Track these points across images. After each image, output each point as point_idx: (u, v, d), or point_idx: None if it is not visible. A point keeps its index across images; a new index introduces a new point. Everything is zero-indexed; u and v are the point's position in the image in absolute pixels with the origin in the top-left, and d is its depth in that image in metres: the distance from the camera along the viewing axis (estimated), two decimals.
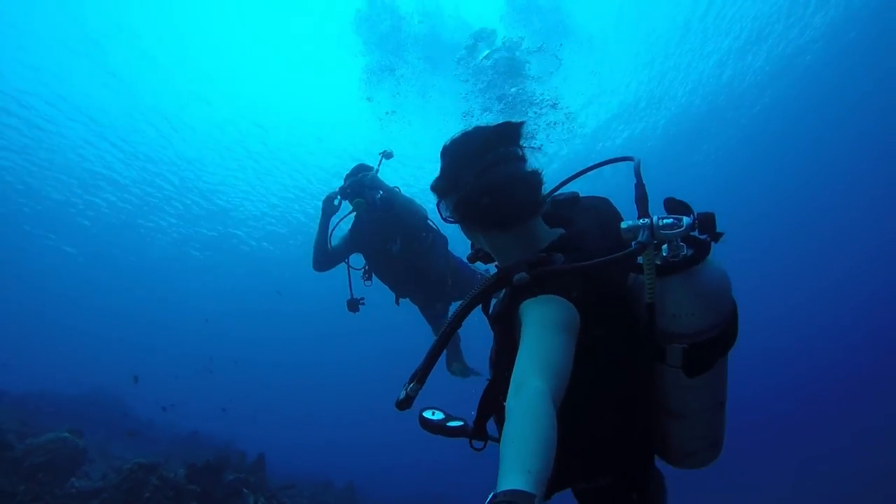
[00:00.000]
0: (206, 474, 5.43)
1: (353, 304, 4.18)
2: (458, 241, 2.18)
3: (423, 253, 4.16)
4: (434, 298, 4.39)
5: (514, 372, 1.08)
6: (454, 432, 1.46)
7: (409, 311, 4.65)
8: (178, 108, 12.07)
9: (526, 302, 1.23)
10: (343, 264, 4.22)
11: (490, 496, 0.77)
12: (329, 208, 4.04)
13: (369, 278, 4.28)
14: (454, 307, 4.93)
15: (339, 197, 4.03)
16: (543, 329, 1.17)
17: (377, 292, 4.28)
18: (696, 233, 1.13)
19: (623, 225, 1.11)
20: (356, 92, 9.33)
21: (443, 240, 4.28)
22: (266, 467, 7.20)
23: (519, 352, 1.12)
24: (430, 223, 4.21)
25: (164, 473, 5.35)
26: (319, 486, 10.01)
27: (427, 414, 1.49)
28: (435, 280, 4.21)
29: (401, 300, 4.44)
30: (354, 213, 4.03)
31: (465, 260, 1.61)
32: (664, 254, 1.13)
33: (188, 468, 5.49)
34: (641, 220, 1.11)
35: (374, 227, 4.04)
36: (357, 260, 4.25)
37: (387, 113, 9.39)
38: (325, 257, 4.12)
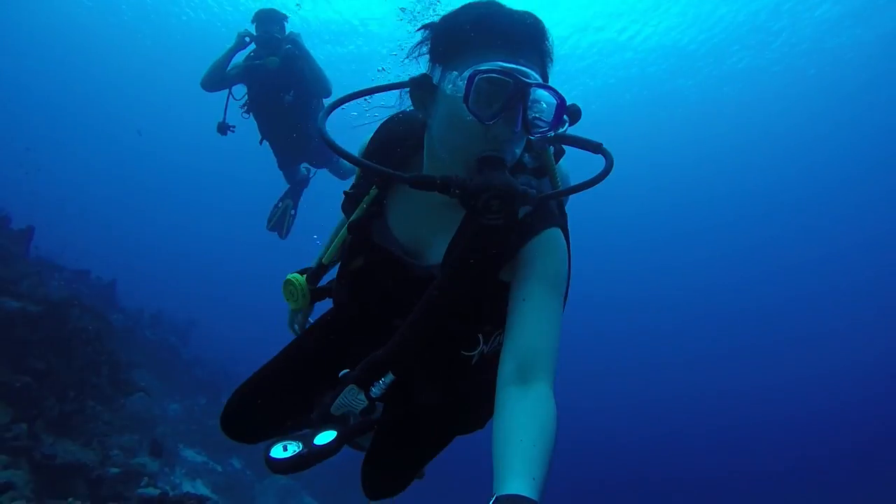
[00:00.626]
0: None
1: (223, 128, 4.59)
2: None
3: (307, 115, 4.45)
4: (299, 157, 4.97)
5: (518, 346, 1.03)
6: (326, 453, 1.09)
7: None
8: None
9: (534, 241, 1.12)
10: (225, 90, 4.55)
11: (493, 499, 0.75)
12: (240, 43, 4.44)
13: (248, 112, 4.61)
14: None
15: (250, 39, 4.43)
16: (559, 294, 1.12)
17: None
18: None
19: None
20: None
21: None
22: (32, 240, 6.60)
23: (523, 318, 1.05)
24: (324, 100, 4.61)
25: None
26: (76, 273, 9.39)
27: (276, 453, 1.06)
28: (305, 139, 4.64)
29: (263, 142, 4.84)
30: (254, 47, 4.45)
31: None
32: None
33: None
34: None
35: (275, 74, 4.37)
36: (238, 90, 4.61)
37: None
38: (218, 79, 4.47)
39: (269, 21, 4.44)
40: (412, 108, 1.18)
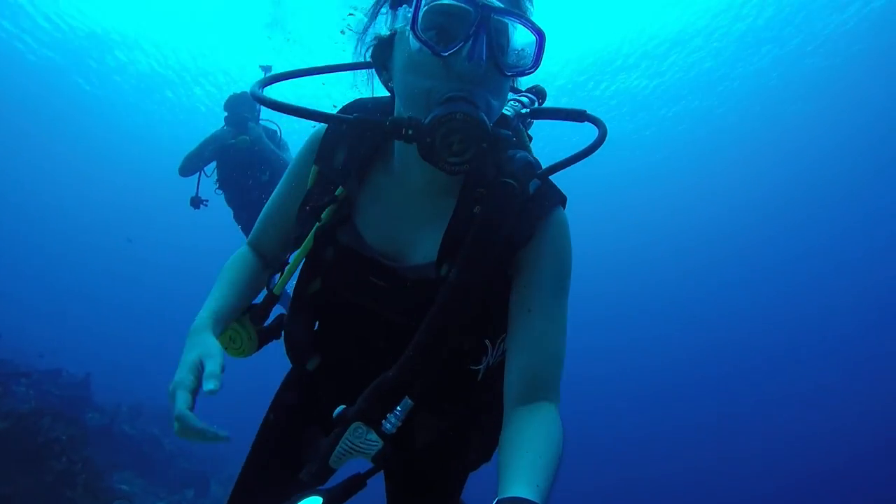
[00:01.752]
0: None
1: (196, 202, 4.86)
2: None
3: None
4: None
5: (524, 365, 0.97)
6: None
7: None
8: None
9: (540, 230, 1.02)
10: None
11: (494, 501, 0.74)
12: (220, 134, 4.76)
13: (220, 188, 4.89)
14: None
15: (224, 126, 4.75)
16: (565, 293, 1.04)
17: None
18: None
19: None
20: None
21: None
22: None
23: (529, 333, 0.98)
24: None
25: None
26: (46, 374, 9.05)
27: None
28: None
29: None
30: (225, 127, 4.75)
31: None
32: None
33: None
34: None
35: (247, 153, 4.66)
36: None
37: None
38: (194, 166, 4.76)
39: (240, 104, 4.71)
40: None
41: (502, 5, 0.89)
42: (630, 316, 26.42)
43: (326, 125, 1.13)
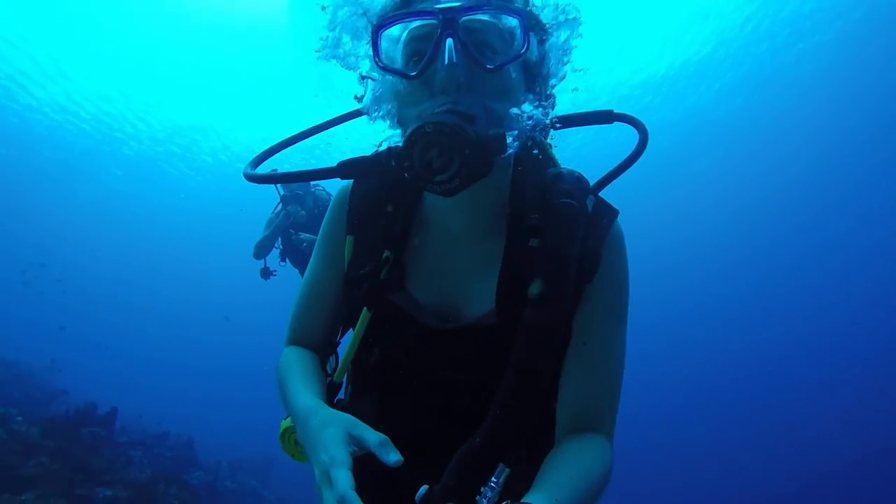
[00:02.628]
0: (63, 430, 5.32)
1: (266, 273, 5.23)
2: None
3: None
4: None
5: (576, 397, 0.92)
6: None
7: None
8: None
9: (607, 239, 0.95)
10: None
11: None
12: (278, 220, 5.10)
13: (284, 260, 5.26)
14: None
15: (280, 205, 5.08)
16: (623, 318, 0.97)
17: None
18: None
19: None
20: None
21: None
22: (116, 421, 7.06)
23: (583, 364, 0.93)
24: None
25: (14, 427, 5.13)
26: (156, 438, 9.84)
27: None
28: None
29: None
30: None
31: None
32: None
33: (44, 423, 5.32)
34: None
35: (304, 225, 5.01)
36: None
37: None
38: (266, 251, 5.16)
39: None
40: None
41: (466, 3, 0.82)
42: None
43: (349, 192, 1.09)
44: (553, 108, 0.98)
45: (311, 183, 5.14)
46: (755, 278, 23.90)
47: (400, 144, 0.80)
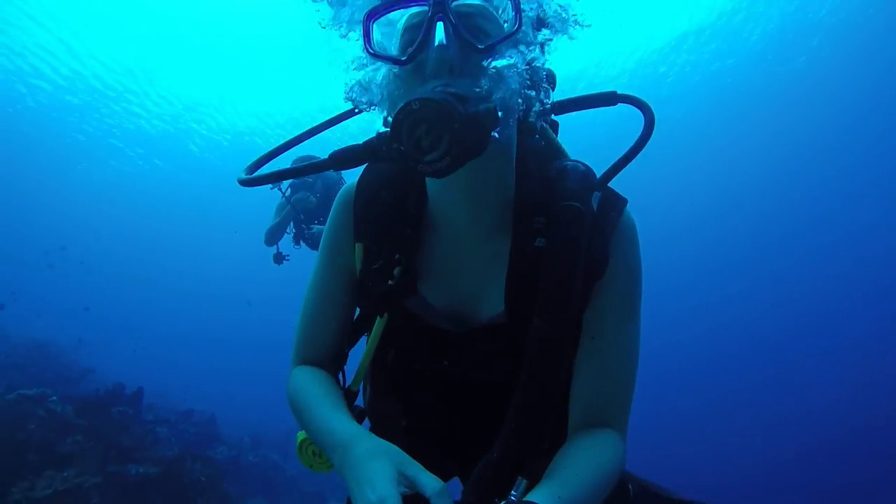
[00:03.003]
0: (95, 409, 5.62)
1: (279, 258, 5.33)
2: None
3: None
4: None
5: (587, 393, 0.92)
6: None
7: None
8: None
9: (613, 245, 0.93)
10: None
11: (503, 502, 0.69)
12: (286, 209, 5.09)
13: (297, 243, 5.27)
14: None
15: (289, 191, 5.03)
16: (636, 311, 0.97)
17: None
18: None
19: None
20: None
21: None
22: (143, 400, 7.37)
23: (594, 360, 0.93)
24: None
25: (51, 406, 5.44)
26: (181, 415, 10.22)
27: None
28: None
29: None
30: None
31: None
32: None
33: (77, 402, 5.62)
34: None
35: (316, 210, 5.00)
36: None
37: None
38: (278, 238, 5.23)
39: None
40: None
41: None
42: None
43: (353, 198, 1.07)
44: (553, 86, 0.94)
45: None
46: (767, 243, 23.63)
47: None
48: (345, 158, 0.86)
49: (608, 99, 1.00)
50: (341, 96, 0.94)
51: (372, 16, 0.84)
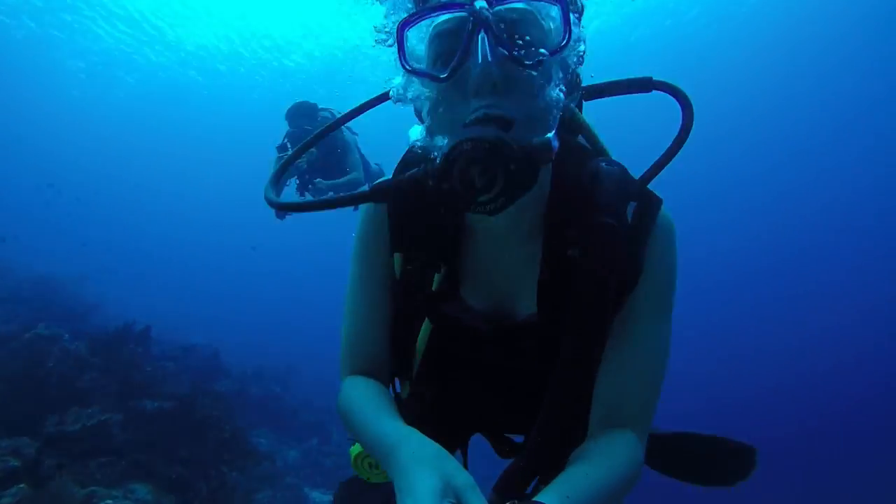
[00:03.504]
0: (107, 347, 5.86)
1: (282, 213, 4.98)
2: None
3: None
4: None
5: (610, 393, 0.91)
6: None
7: None
8: None
9: (650, 239, 0.91)
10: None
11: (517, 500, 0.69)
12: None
13: (302, 195, 5.04)
14: None
15: (288, 144, 4.82)
16: (668, 311, 0.94)
17: None
18: None
19: None
20: None
21: None
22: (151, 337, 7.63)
23: (620, 360, 0.91)
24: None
25: (65, 345, 5.67)
26: (185, 350, 10.55)
27: None
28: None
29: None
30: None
31: None
32: None
33: (90, 340, 5.86)
34: None
35: (318, 162, 4.84)
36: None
37: None
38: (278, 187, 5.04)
39: (300, 116, 4.85)
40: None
41: None
42: None
43: (386, 212, 1.05)
44: (580, 87, 0.92)
45: (320, 117, 4.92)
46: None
47: (437, 162, 0.77)
48: (388, 192, 0.90)
49: (643, 85, 0.96)
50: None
51: (406, 25, 0.80)
